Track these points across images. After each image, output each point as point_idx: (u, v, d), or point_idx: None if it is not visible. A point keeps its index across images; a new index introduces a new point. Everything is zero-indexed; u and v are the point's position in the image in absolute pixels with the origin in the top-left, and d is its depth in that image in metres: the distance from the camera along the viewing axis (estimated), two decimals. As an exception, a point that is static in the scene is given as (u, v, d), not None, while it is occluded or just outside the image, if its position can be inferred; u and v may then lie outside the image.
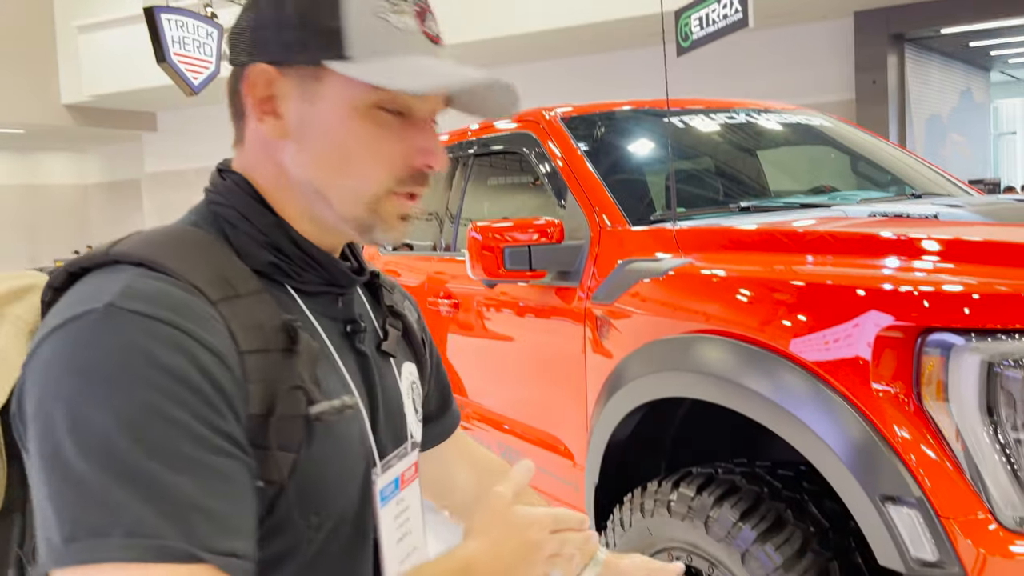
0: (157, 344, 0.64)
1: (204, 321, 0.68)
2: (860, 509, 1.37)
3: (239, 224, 0.79)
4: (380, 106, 0.77)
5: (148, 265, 0.70)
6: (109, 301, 0.65)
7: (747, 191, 2.71)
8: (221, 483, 0.64)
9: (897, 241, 1.62)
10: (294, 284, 0.81)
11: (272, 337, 0.73)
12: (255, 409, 0.70)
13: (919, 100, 12.15)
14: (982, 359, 1.27)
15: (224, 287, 0.72)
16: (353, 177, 0.78)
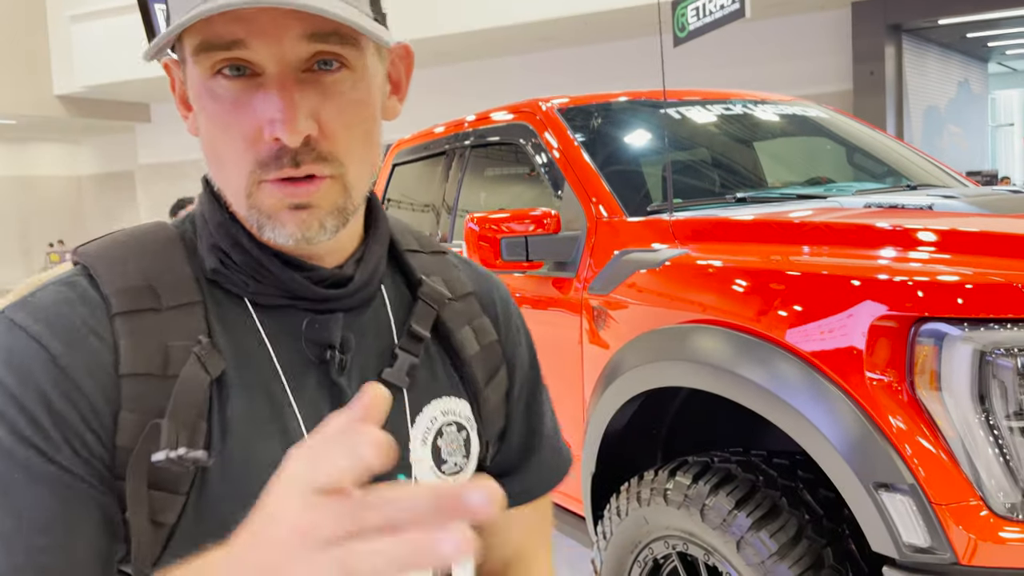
0: (12, 359, 0.61)
1: (79, 340, 0.62)
2: (854, 496, 1.38)
3: (199, 223, 0.72)
4: (218, 71, 0.63)
5: (86, 268, 0.67)
6: (3, 308, 0.65)
7: (743, 182, 2.72)
8: (37, 518, 0.59)
9: (892, 232, 1.63)
10: (248, 295, 0.70)
11: (169, 361, 0.64)
12: (122, 441, 0.62)
13: (916, 91, 12.16)
14: (975, 348, 1.28)
15: (143, 298, 0.65)
16: (223, 168, 0.67)
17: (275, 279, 0.69)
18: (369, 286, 0.74)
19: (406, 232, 0.83)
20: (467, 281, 0.84)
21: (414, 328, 0.76)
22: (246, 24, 0.61)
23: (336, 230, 0.67)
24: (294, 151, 0.63)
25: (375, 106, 0.69)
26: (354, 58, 0.65)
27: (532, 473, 0.87)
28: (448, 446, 0.77)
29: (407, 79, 0.76)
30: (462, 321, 0.80)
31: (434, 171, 3.16)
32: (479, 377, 0.80)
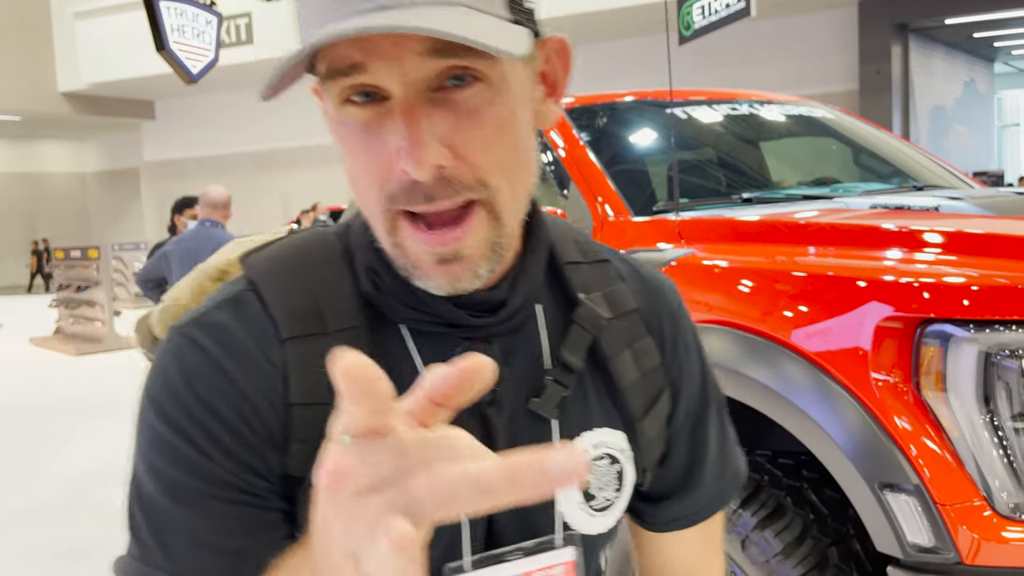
0: (191, 380, 0.62)
1: (253, 365, 0.62)
2: (859, 496, 1.39)
3: (354, 237, 0.68)
4: (347, 99, 0.58)
5: (253, 285, 0.66)
6: (183, 323, 0.65)
7: (749, 182, 2.72)
8: (212, 527, 0.61)
9: (898, 233, 1.64)
10: (400, 320, 0.66)
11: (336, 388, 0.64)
12: (292, 470, 0.62)
13: (923, 91, 12.14)
14: (980, 350, 1.29)
15: (310, 322, 0.64)
16: (362, 199, 0.62)
17: (425, 305, 0.64)
18: (523, 310, 0.68)
19: (568, 240, 0.76)
20: (632, 295, 0.76)
21: (566, 358, 0.70)
22: (364, 46, 0.56)
23: (492, 271, 0.62)
24: (426, 186, 0.57)
25: (521, 117, 0.61)
26: (488, 69, 0.57)
27: (693, 498, 0.80)
28: (599, 480, 0.72)
29: (565, 77, 0.68)
30: (621, 344, 0.73)
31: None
32: (637, 407, 0.73)
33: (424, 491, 0.35)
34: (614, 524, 0.74)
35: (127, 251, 14.57)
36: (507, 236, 0.62)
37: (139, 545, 0.62)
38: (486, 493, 0.34)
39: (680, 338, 0.78)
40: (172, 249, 4.14)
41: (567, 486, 0.34)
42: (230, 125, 17.89)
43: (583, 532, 0.70)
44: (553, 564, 0.68)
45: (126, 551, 0.64)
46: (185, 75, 9.27)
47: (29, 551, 3.70)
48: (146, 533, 0.62)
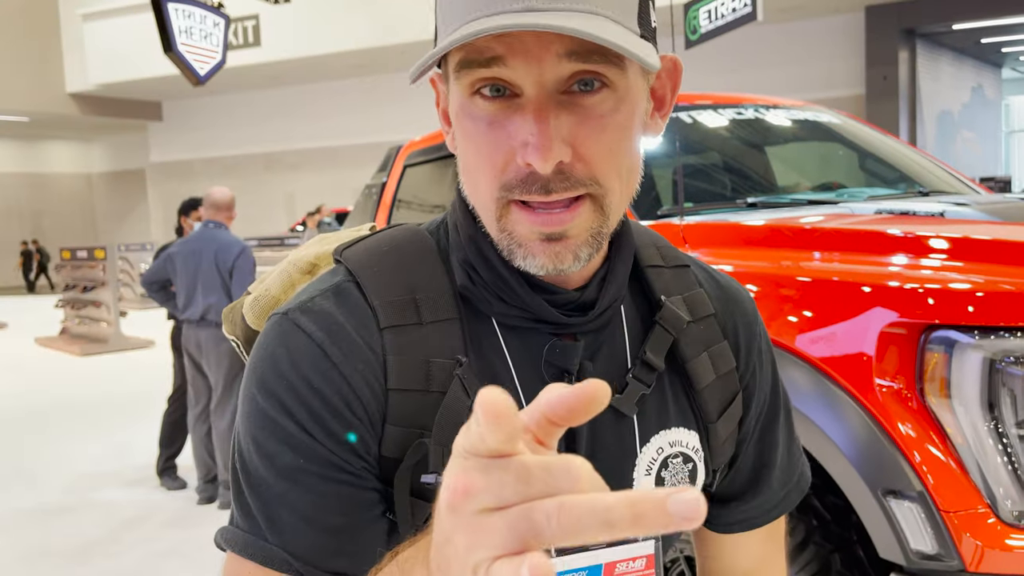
0: (297, 362, 0.65)
1: (356, 351, 0.65)
2: (862, 503, 1.39)
3: (451, 234, 0.72)
4: (477, 91, 0.62)
5: (354, 276, 0.69)
6: (286, 310, 0.68)
7: (755, 187, 2.72)
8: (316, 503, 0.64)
9: (903, 239, 1.63)
10: (493, 314, 0.69)
11: (431, 377, 0.66)
12: (387, 451, 0.66)
13: (930, 96, 12.12)
14: (984, 356, 1.28)
15: (407, 312, 0.67)
16: (476, 188, 0.66)
17: (520, 301, 0.68)
18: (610, 310, 0.71)
19: (649, 244, 0.79)
20: (709, 300, 0.78)
21: (648, 357, 0.72)
22: (507, 42, 0.59)
23: (590, 257, 0.64)
24: (545, 178, 0.60)
25: (636, 127, 0.65)
26: (616, 77, 0.61)
27: (758, 502, 0.82)
28: (673, 478, 0.74)
29: (673, 95, 0.72)
30: (699, 347, 0.76)
31: (444, 173, 3.17)
32: (712, 409, 0.76)
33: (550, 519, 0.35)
34: None
35: (133, 252, 14.61)
36: (608, 228, 0.65)
37: (245, 517, 0.66)
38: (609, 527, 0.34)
39: (754, 345, 0.81)
40: (176, 251, 4.15)
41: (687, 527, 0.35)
42: (237, 127, 17.95)
43: None
44: (635, 556, 0.70)
45: (231, 522, 0.67)
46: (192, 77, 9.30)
47: (33, 551, 3.71)
48: (254, 506, 0.65)
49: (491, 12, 0.58)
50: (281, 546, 0.64)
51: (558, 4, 0.58)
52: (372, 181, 3.75)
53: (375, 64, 14.84)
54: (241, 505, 0.66)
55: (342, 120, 16.61)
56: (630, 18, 0.62)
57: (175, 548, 3.63)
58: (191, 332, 4.11)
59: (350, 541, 0.64)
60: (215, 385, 4.09)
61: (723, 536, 0.84)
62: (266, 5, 12.87)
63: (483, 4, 0.59)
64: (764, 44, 11.62)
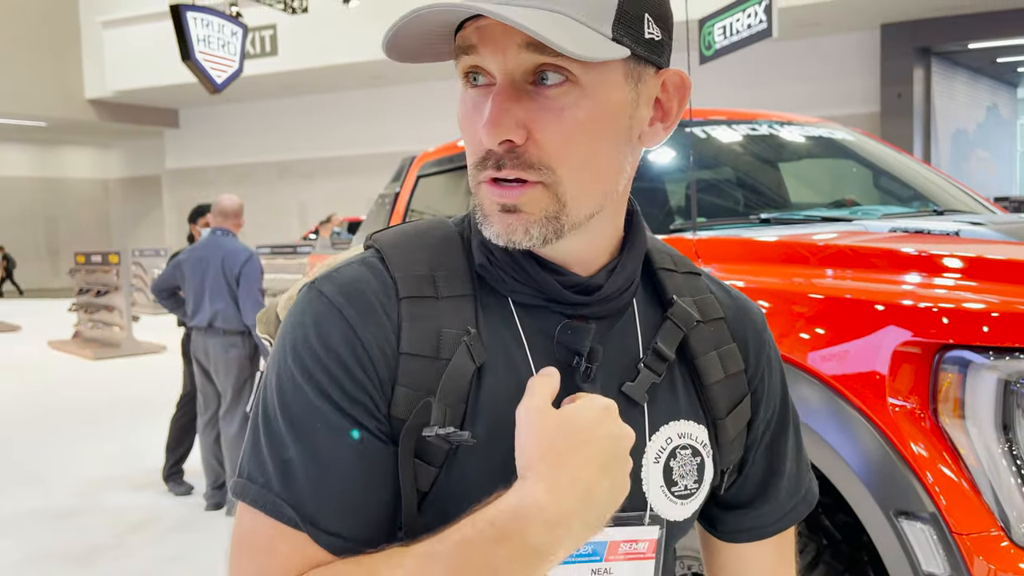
0: (319, 325, 0.69)
1: (371, 314, 0.70)
2: (873, 523, 1.37)
3: (473, 221, 0.75)
4: (464, 75, 0.69)
5: (380, 251, 0.75)
6: (316, 279, 0.73)
7: (768, 203, 2.71)
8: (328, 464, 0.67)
9: (917, 257, 1.62)
10: (508, 292, 0.74)
11: (441, 345, 0.70)
12: (396, 412, 0.69)
13: (945, 115, 12.08)
14: (999, 377, 1.27)
15: (425, 286, 0.72)
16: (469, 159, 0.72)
17: (530, 279, 0.73)
18: (618, 299, 0.75)
19: (662, 251, 0.83)
20: (720, 305, 0.82)
21: (659, 347, 0.76)
22: (480, 32, 0.66)
23: (544, 238, 0.69)
24: (498, 155, 0.67)
25: (608, 125, 0.68)
26: (581, 72, 0.65)
27: (766, 510, 0.84)
28: (680, 468, 0.76)
29: (679, 109, 0.75)
30: (709, 346, 0.79)
31: (458, 184, 3.17)
32: (720, 405, 0.78)
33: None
34: (691, 516, 0.78)
35: (147, 257, 14.69)
36: (567, 216, 0.69)
37: (261, 472, 0.68)
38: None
39: (763, 353, 0.84)
40: (184, 258, 4.18)
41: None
42: (252, 134, 18.06)
43: (664, 516, 0.75)
44: (639, 539, 0.74)
45: (246, 475, 0.69)
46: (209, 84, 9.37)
47: (40, 553, 3.72)
48: (269, 462, 0.68)
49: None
50: (290, 502, 0.66)
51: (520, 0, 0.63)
52: (385, 191, 3.77)
53: (390, 75, 14.93)
54: (257, 456, 0.69)
55: (356, 130, 16.70)
56: (601, 22, 0.65)
57: (181, 553, 3.63)
58: (199, 339, 4.12)
59: (355, 506, 0.67)
60: (223, 392, 4.10)
61: (731, 548, 0.85)
62: (284, 15, 12.98)
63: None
64: (779, 61, 11.62)
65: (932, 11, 10.70)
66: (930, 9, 10.62)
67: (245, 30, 9.81)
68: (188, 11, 8.96)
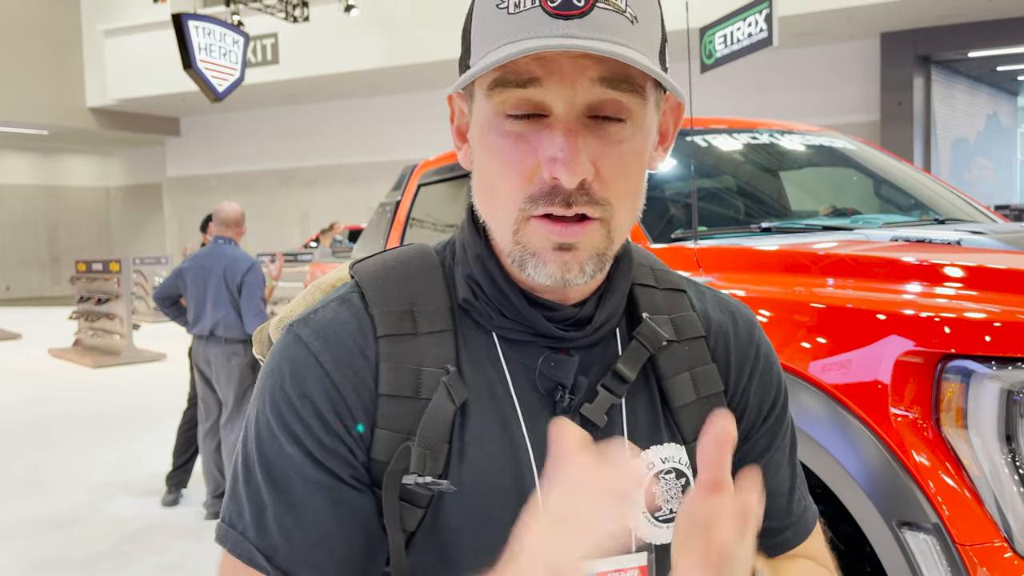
0: (295, 373, 0.69)
1: (348, 358, 0.69)
2: (876, 534, 1.37)
3: (458, 252, 0.76)
4: (507, 112, 0.65)
5: (359, 287, 0.74)
6: (294, 322, 0.73)
7: (769, 212, 2.71)
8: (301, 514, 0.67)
9: (919, 266, 1.62)
10: (493, 328, 0.72)
11: (420, 385, 0.69)
12: (377, 455, 0.69)
13: (945, 123, 12.09)
14: (1002, 387, 1.27)
15: (403, 323, 0.71)
16: (495, 202, 0.69)
17: (519, 315, 0.71)
18: (606, 326, 0.74)
19: (644, 265, 0.82)
20: (702, 323, 0.80)
21: (619, 368, 0.74)
22: (545, 64, 0.63)
23: (594, 274, 0.68)
24: (568, 192, 0.64)
25: (646, 156, 0.70)
26: (636, 107, 0.66)
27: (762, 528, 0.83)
28: (665, 492, 0.75)
29: (674, 131, 0.76)
30: (681, 367, 0.77)
31: (459, 192, 3.18)
32: (689, 428, 0.76)
33: None
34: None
35: (148, 265, 14.69)
36: (612, 250, 0.69)
37: (240, 518, 0.69)
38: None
39: (746, 370, 0.81)
40: (187, 267, 4.18)
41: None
42: (253, 143, 18.09)
43: (650, 540, 0.74)
44: (626, 567, 0.73)
45: (227, 521, 0.70)
46: (211, 93, 9.40)
47: (41, 562, 3.71)
48: (247, 509, 0.69)
49: (530, 36, 0.62)
50: (265, 551, 0.67)
51: (595, 34, 0.62)
52: (386, 199, 3.77)
53: (391, 83, 14.96)
54: (236, 501, 0.70)
55: (357, 138, 16.72)
56: (655, 56, 0.67)
57: (181, 562, 3.62)
58: (201, 347, 4.12)
59: (331, 554, 0.67)
60: (225, 400, 4.10)
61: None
62: (285, 24, 13.02)
63: (521, 28, 0.63)
64: (779, 69, 11.65)
65: (932, 20, 10.72)
66: (930, 18, 10.64)
67: (246, 39, 9.84)
68: (190, 20, 8.99)
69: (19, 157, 21.50)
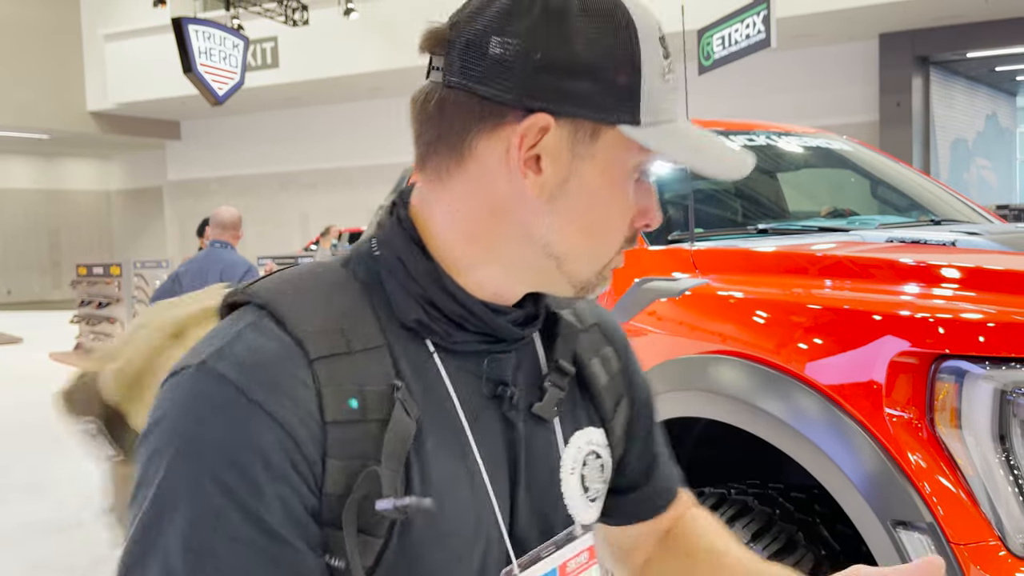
0: (231, 422, 0.60)
1: (285, 389, 0.61)
2: (871, 533, 1.37)
3: (395, 268, 0.70)
4: (640, 169, 0.71)
5: (268, 309, 0.65)
6: (202, 359, 0.62)
7: (766, 213, 2.72)
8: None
9: (914, 267, 1.63)
10: (437, 340, 0.70)
11: (367, 405, 0.64)
12: (331, 488, 0.62)
13: (944, 123, 12.10)
14: (995, 387, 1.28)
15: (335, 341, 0.65)
16: (601, 243, 0.72)
17: (484, 325, 0.71)
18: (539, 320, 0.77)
19: None
20: (590, 313, 0.86)
21: (561, 363, 0.78)
22: None
23: None
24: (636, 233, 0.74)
25: None
26: None
27: (652, 490, 0.91)
28: (591, 474, 0.79)
29: None
30: (592, 352, 0.83)
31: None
32: (608, 407, 0.83)
33: None
34: (598, 515, 0.83)
35: (148, 268, 14.65)
36: None
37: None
38: None
39: (630, 352, 0.89)
40: (183, 270, 4.19)
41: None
42: (253, 146, 18.11)
43: (584, 522, 0.79)
44: (580, 550, 0.77)
45: None
46: (211, 97, 9.42)
47: (42, 565, 3.71)
48: None
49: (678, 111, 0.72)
50: None
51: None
52: (385, 202, 3.78)
53: (390, 86, 14.97)
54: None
55: (357, 141, 16.74)
56: None
57: (182, 566, 3.62)
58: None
59: None
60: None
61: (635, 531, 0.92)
62: (285, 27, 13.04)
63: (677, 100, 0.71)
64: (777, 70, 11.65)
65: (930, 20, 10.73)
66: (928, 18, 10.66)
67: (246, 43, 9.86)
68: (190, 24, 9.01)
69: (20, 161, 21.52)
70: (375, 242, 0.72)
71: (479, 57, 0.66)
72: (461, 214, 0.70)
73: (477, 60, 0.66)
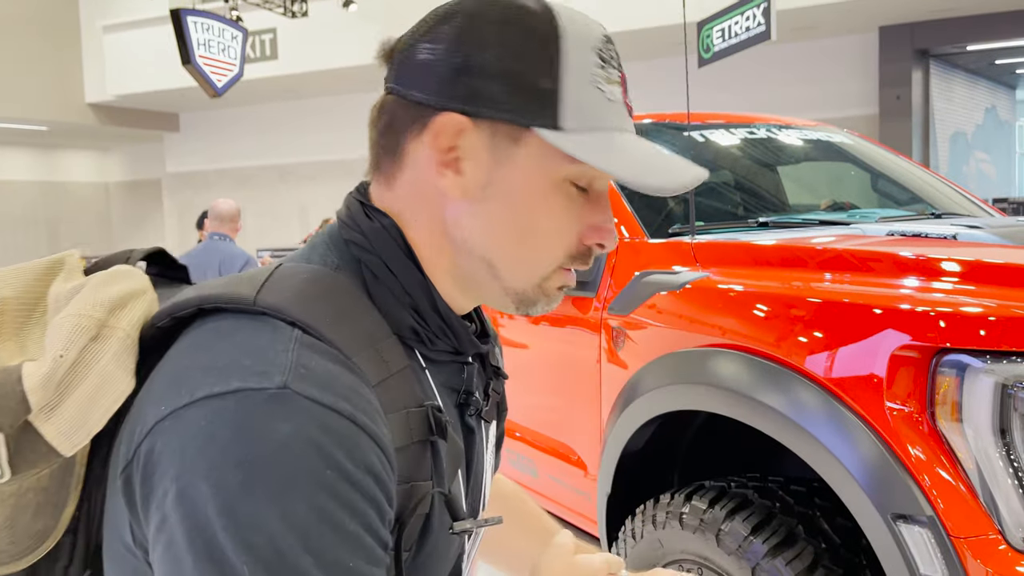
0: (333, 441, 0.56)
1: (372, 413, 0.60)
2: (871, 526, 1.37)
3: (384, 277, 0.70)
4: (572, 180, 0.70)
5: (304, 328, 0.61)
6: (283, 382, 0.57)
7: (766, 206, 2.72)
8: None
9: (915, 261, 1.63)
10: (424, 351, 0.71)
11: (414, 427, 0.65)
12: (395, 511, 0.63)
13: (943, 116, 12.08)
14: (996, 381, 1.28)
15: (380, 365, 0.64)
16: (533, 251, 0.71)
17: (458, 338, 0.74)
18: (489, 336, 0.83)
19: None
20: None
21: (500, 369, 0.85)
22: None
23: None
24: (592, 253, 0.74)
25: None
26: None
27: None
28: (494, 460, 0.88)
29: None
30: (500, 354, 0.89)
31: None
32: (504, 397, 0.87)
33: None
34: None
35: (147, 261, 14.69)
36: None
37: None
38: None
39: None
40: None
41: None
42: (252, 138, 18.07)
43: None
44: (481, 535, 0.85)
45: None
46: (210, 89, 9.39)
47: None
48: None
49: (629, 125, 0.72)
50: None
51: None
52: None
53: (390, 78, 14.94)
54: None
55: (357, 133, 16.59)
56: None
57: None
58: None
59: None
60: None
61: None
62: (284, 19, 12.99)
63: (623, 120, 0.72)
64: (777, 63, 11.62)
65: (930, 13, 10.71)
66: (928, 11, 10.63)
67: (245, 34, 9.83)
68: (188, 16, 8.97)
69: (18, 153, 21.48)
70: (355, 246, 0.71)
71: (409, 63, 0.70)
72: (415, 219, 0.72)
73: (408, 66, 0.70)
